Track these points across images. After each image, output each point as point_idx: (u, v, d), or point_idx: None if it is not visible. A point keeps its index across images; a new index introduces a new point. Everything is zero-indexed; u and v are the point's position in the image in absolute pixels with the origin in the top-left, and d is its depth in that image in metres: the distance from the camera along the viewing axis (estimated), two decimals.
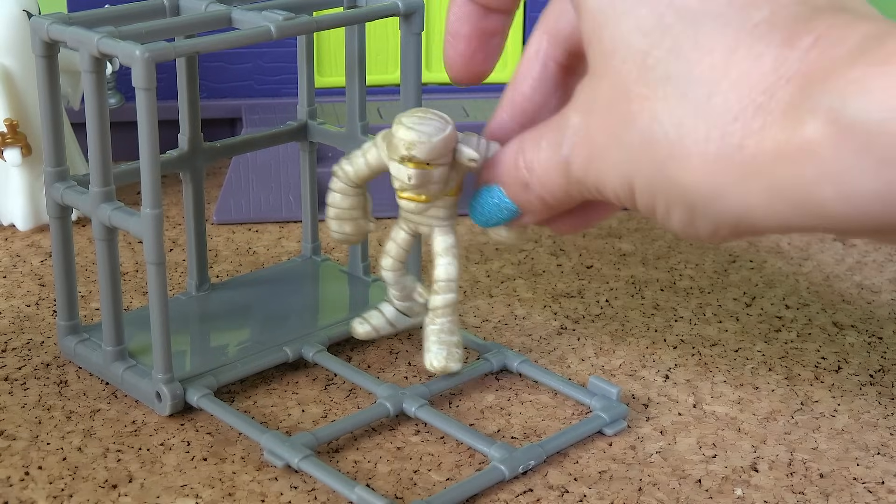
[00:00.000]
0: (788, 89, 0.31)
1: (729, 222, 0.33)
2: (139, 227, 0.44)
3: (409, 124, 0.41)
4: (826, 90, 0.30)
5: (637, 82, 0.33)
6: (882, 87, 0.29)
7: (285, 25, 0.45)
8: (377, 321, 0.48)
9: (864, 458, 0.44)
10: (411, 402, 0.45)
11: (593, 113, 0.35)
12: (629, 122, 0.34)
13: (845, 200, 0.30)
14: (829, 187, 0.30)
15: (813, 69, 0.30)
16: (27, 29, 0.60)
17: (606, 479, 0.43)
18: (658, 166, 0.33)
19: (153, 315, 0.45)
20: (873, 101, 0.29)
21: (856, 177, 0.29)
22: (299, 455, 0.42)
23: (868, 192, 0.29)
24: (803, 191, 0.30)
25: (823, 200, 0.30)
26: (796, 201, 0.31)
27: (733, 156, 0.31)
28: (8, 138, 0.61)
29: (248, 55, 0.70)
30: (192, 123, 0.51)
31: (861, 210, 0.30)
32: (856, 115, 0.29)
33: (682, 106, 0.32)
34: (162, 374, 0.45)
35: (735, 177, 0.32)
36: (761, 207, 0.32)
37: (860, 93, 0.29)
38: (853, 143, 0.29)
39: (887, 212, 0.30)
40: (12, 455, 0.43)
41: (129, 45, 0.42)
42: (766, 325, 0.54)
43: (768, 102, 0.31)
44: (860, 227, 0.31)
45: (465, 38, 0.42)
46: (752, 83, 0.31)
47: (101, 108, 0.44)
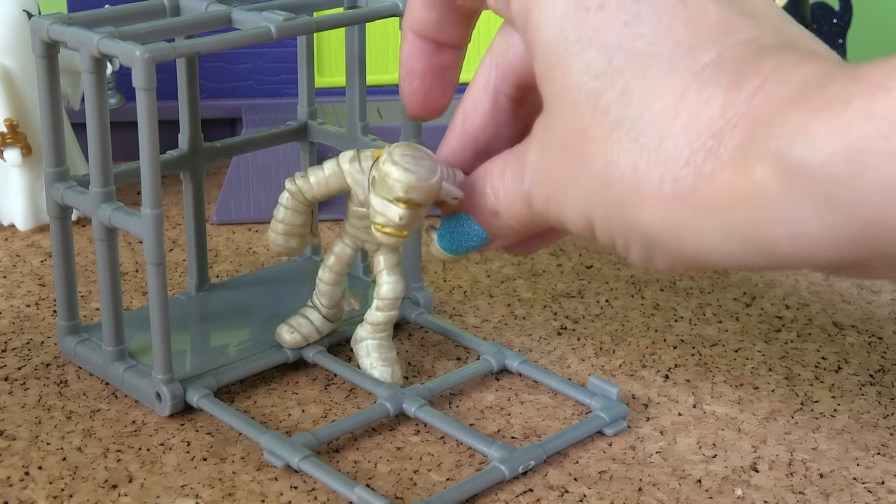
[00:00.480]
0: (736, 133, 0.31)
1: (685, 259, 0.34)
2: (139, 227, 0.44)
3: (406, 165, 0.41)
4: (771, 135, 0.30)
5: (591, 125, 0.34)
6: (823, 131, 0.29)
7: (285, 26, 0.45)
8: (306, 330, 0.49)
9: (864, 458, 0.44)
10: (411, 402, 0.45)
11: (549, 152, 0.36)
12: (585, 163, 0.34)
13: (795, 241, 0.30)
14: (779, 228, 0.30)
15: (759, 113, 0.31)
16: (27, 29, 0.60)
17: (606, 479, 0.43)
18: (615, 206, 0.34)
19: (153, 315, 0.45)
20: (815, 145, 0.29)
21: (803, 218, 0.30)
22: (299, 455, 0.42)
23: (815, 233, 0.30)
24: (755, 232, 0.31)
25: (774, 241, 0.31)
26: (749, 241, 0.31)
27: (687, 198, 0.32)
28: (8, 138, 0.61)
29: (248, 55, 0.70)
30: (192, 123, 0.51)
31: (810, 250, 0.30)
32: (800, 159, 0.29)
33: (635, 150, 0.33)
34: (162, 374, 0.45)
35: (690, 218, 0.32)
36: (716, 246, 0.32)
37: (802, 137, 0.29)
38: (799, 185, 0.30)
39: (835, 252, 0.30)
40: (12, 455, 0.43)
41: (130, 45, 0.42)
42: (766, 325, 0.54)
43: (717, 147, 0.31)
44: (812, 265, 0.31)
45: (419, 74, 0.42)
46: (701, 127, 0.32)
47: (101, 108, 0.44)
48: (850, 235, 0.30)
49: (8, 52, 0.61)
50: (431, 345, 0.52)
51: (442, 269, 0.59)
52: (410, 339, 0.52)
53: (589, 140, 0.34)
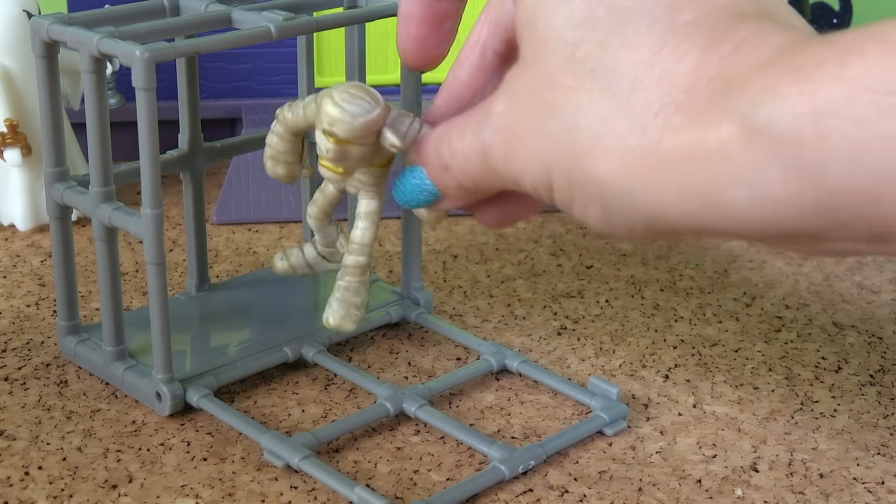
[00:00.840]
0: (707, 91, 0.31)
1: (643, 219, 0.33)
2: (139, 227, 0.44)
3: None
4: (741, 94, 0.30)
5: (564, 73, 0.34)
6: (792, 93, 0.29)
7: (285, 25, 0.45)
8: (296, 259, 0.48)
9: (864, 458, 0.44)
10: (411, 402, 0.45)
11: (518, 101, 0.36)
12: (552, 111, 0.34)
13: (754, 204, 0.30)
14: (740, 190, 0.30)
15: (731, 73, 0.31)
16: (27, 29, 0.60)
17: (606, 479, 0.43)
18: (577, 158, 0.34)
19: (153, 315, 0.45)
20: (783, 106, 0.29)
21: (764, 181, 0.30)
22: (299, 455, 0.42)
23: (777, 198, 0.30)
24: (715, 191, 0.31)
25: (734, 202, 0.31)
26: (707, 201, 0.31)
27: (651, 151, 0.32)
28: (8, 138, 0.61)
29: (248, 55, 0.70)
30: (192, 124, 0.51)
31: (768, 214, 0.30)
32: (766, 119, 0.29)
33: (605, 99, 0.33)
34: (162, 374, 0.45)
35: (651, 172, 0.32)
36: (674, 205, 0.32)
37: (770, 97, 0.29)
38: (763, 147, 0.29)
39: (796, 218, 0.30)
40: (12, 455, 0.43)
41: (129, 45, 0.42)
42: (766, 325, 0.54)
43: (688, 101, 0.31)
44: (770, 232, 0.31)
45: (416, 20, 0.41)
46: (674, 82, 0.32)
47: (101, 108, 0.44)
48: (812, 202, 0.29)
49: (8, 53, 0.61)
50: (431, 345, 0.52)
51: (442, 269, 0.59)
52: (410, 339, 0.52)
53: (560, 89, 0.34)
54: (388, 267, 0.59)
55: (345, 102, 0.41)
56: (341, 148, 0.42)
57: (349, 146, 0.41)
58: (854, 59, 0.28)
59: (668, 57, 0.32)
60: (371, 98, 0.41)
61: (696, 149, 0.31)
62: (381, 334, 0.52)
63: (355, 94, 0.41)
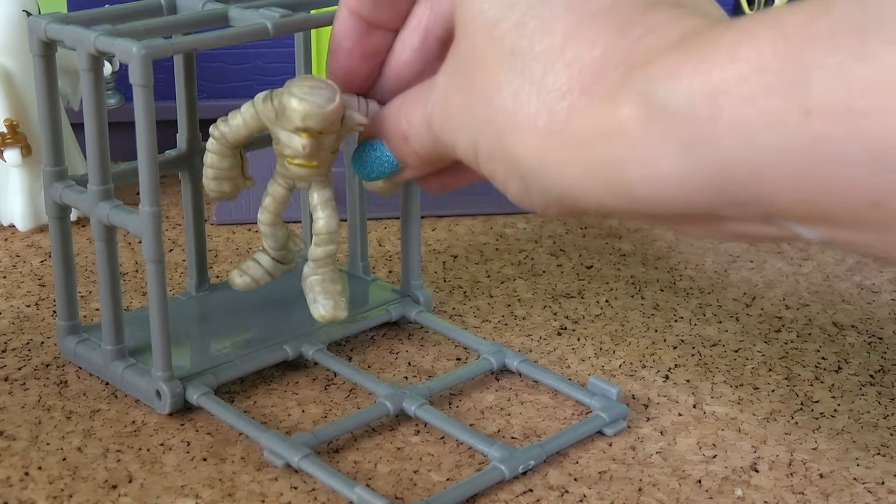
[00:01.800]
0: (614, 74, 0.32)
1: (554, 197, 0.34)
2: (138, 224, 0.44)
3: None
4: (643, 76, 0.31)
5: (485, 51, 0.35)
6: (688, 72, 0.30)
7: (282, 23, 0.45)
8: (256, 272, 0.49)
9: (864, 458, 0.44)
10: (411, 401, 0.45)
11: (453, 75, 0.37)
12: (476, 89, 0.35)
13: (649, 182, 0.31)
14: (636, 168, 0.31)
15: (638, 57, 0.32)
16: (27, 29, 0.60)
17: (606, 479, 0.43)
18: (497, 135, 0.35)
19: (153, 312, 0.45)
20: (679, 85, 0.30)
21: (659, 159, 0.30)
22: (299, 455, 0.42)
23: (669, 176, 0.30)
24: (613, 170, 0.32)
25: (630, 181, 0.31)
26: (607, 181, 0.32)
27: (558, 132, 0.33)
28: (8, 138, 0.60)
29: (247, 55, 0.70)
30: (191, 124, 0.51)
31: (663, 193, 0.31)
32: (663, 98, 0.30)
33: (519, 80, 0.34)
34: (162, 371, 0.45)
35: (558, 152, 0.33)
36: (579, 185, 0.33)
37: (668, 77, 0.30)
38: (660, 126, 0.30)
39: (689, 197, 0.31)
40: (12, 455, 0.43)
41: (126, 42, 0.41)
42: (766, 325, 0.54)
43: (594, 85, 0.32)
44: (664, 212, 0.32)
45: (346, 52, 0.43)
46: (583, 66, 0.33)
47: (99, 106, 0.44)
48: (703, 180, 0.30)
49: (8, 53, 0.61)
50: (431, 345, 0.52)
51: (442, 269, 0.59)
52: (410, 339, 0.52)
53: (482, 67, 0.35)
54: (388, 267, 0.59)
55: (309, 96, 0.42)
56: (317, 140, 0.42)
57: (323, 136, 0.42)
58: (747, 40, 0.29)
59: (579, 41, 0.33)
60: (328, 85, 0.42)
61: (599, 129, 0.32)
62: (381, 334, 0.52)
63: (314, 86, 0.42)
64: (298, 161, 0.43)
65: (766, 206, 0.30)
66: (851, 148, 0.27)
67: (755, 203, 0.30)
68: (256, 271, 0.49)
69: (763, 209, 0.30)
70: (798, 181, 0.28)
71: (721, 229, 0.32)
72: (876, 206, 0.27)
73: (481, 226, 0.64)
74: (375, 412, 0.45)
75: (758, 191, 0.29)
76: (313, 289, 0.47)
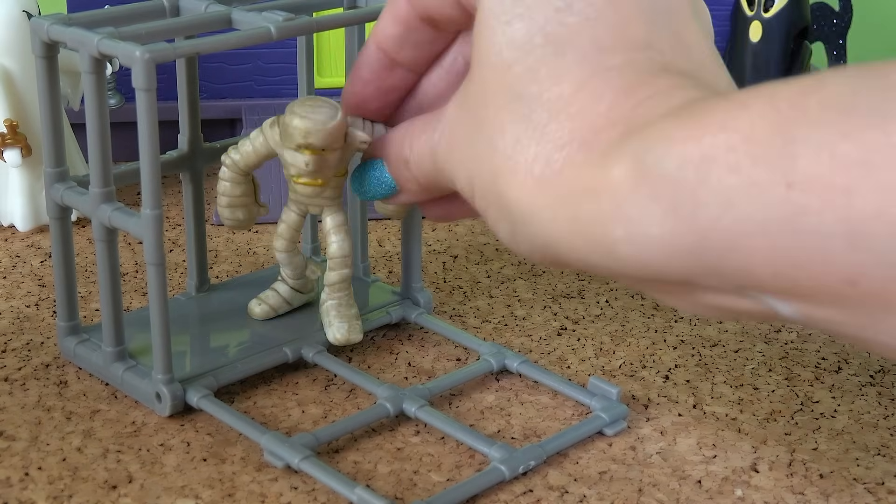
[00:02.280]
0: (613, 133, 0.32)
1: (539, 246, 0.34)
2: (139, 227, 0.44)
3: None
4: (638, 137, 0.31)
5: (496, 92, 0.35)
6: (681, 138, 0.30)
7: (285, 26, 0.45)
8: (274, 301, 0.51)
9: (864, 458, 0.44)
10: (411, 402, 0.45)
11: (461, 109, 0.37)
12: (481, 126, 0.35)
13: (632, 243, 0.31)
14: (620, 228, 0.31)
15: (638, 119, 0.32)
16: (27, 30, 0.60)
17: (606, 479, 0.43)
18: (492, 176, 0.35)
19: (153, 316, 0.45)
20: (671, 149, 0.30)
21: (644, 221, 0.30)
22: (299, 455, 0.42)
23: (652, 238, 0.30)
24: (598, 227, 0.32)
25: (614, 240, 0.31)
26: (592, 237, 0.32)
27: (551, 182, 0.33)
28: (8, 139, 0.61)
29: (247, 56, 0.70)
30: (192, 124, 0.51)
31: (644, 255, 0.31)
32: (654, 160, 0.30)
33: (523, 125, 0.34)
34: (162, 374, 0.45)
35: (548, 202, 0.33)
36: (564, 238, 0.33)
37: (662, 140, 0.30)
38: (648, 187, 0.30)
39: (669, 262, 0.31)
40: (12, 456, 0.43)
41: (130, 45, 0.41)
42: (766, 325, 0.54)
43: (593, 140, 0.32)
44: (645, 275, 0.32)
45: (362, 81, 0.43)
46: (586, 120, 0.33)
47: (101, 108, 0.44)
48: (684, 246, 0.30)
49: (8, 53, 0.61)
50: (431, 345, 0.52)
51: (442, 269, 0.59)
52: (410, 339, 0.52)
53: (490, 106, 0.35)
54: (388, 267, 0.59)
55: (311, 113, 0.43)
56: (320, 157, 0.43)
57: (326, 154, 0.43)
58: (740, 111, 0.29)
59: (587, 96, 0.33)
60: (329, 104, 0.43)
61: (589, 185, 0.32)
62: (381, 335, 0.52)
63: (315, 105, 0.43)
64: (304, 180, 0.44)
65: (744, 278, 0.29)
66: (829, 223, 0.27)
67: (732, 273, 0.30)
68: (275, 300, 0.51)
69: (740, 280, 0.30)
70: (776, 253, 0.28)
71: (700, 300, 0.32)
72: (851, 283, 0.27)
73: (481, 226, 0.64)
74: (375, 413, 0.45)
75: (736, 261, 0.29)
76: (329, 313, 0.48)
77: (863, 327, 0.28)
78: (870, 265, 0.27)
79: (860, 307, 0.28)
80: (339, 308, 0.48)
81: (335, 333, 0.48)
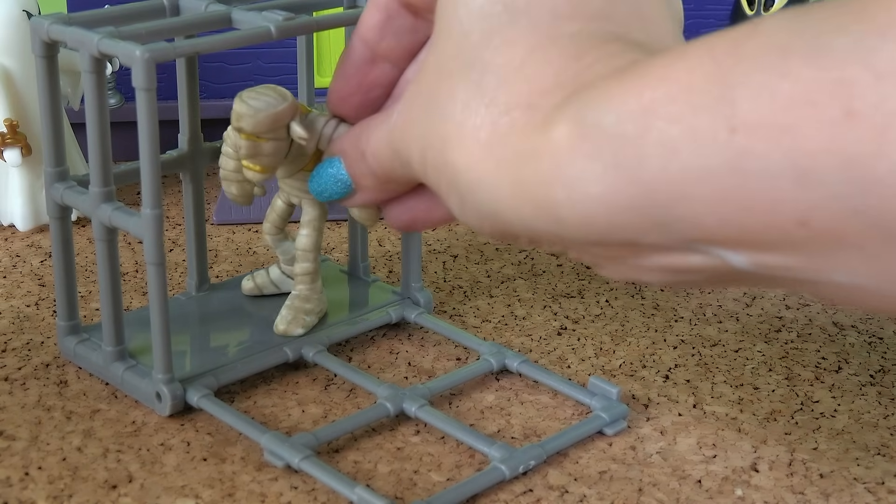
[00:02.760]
0: (558, 95, 0.32)
1: (487, 215, 0.34)
2: (139, 227, 0.44)
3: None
4: (579, 97, 0.31)
5: (451, 60, 0.35)
6: (621, 93, 0.30)
7: (285, 25, 0.45)
8: (261, 280, 0.53)
9: (864, 458, 0.44)
10: (411, 402, 0.45)
11: (419, 84, 0.37)
12: (434, 96, 0.35)
13: (574, 203, 0.31)
14: (562, 189, 0.31)
15: (583, 81, 0.32)
16: (27, 29, 0.60)
17: (606, 479, 0.43)
18: (441, 144, 0.34)
19: (153, 315, 0.45)
20: (610, 105, 0.30)
21: (585, 179, 0.30)
22: (300, 455, 0.42)
23: (595, 196, 0.30)
24: (541, 190, 0.31)
25: (557, 201, 0.31)
26: (535, 201, 0.32)
27: (496, 146, 0.33)
28: (8, 138, 0.61)
29: (247, 55, 0.70)
30: (192, 124, 0.51)
31: (587, 215, 0.31)
32: (594, 118, 0.30)
33: (473, 91, 0.34)
34: (162, 374, 0.45)
35: (492, 168, 0.33)
36: (509, 204, 0.33)
37: (602, 98, 0.30)
38: (588, 145, 0.30)
39: (613, 219, 0.30)
40: (12, 455, 0.43)
41: (130, 45, 0.41)
42: (766, 325, 0.54)
43: (539, 103, 0.32)
44: (589, 237, 0.31)
45: (345, 77, 0.43)
46: (534, 85, 0.33)
47: (101, 108, 0.44)
48: (628, 201, 0.29)
49: (8, 53, 0.61)
50: (431, 345, 0.52)
51: (442, 269, 0.59)
52: (410, 339, 0.52)
53: (445, 75, 0.35)
54: (388, 267, 0.59)
55: (251, 99, 0.43)
56: (252, 143, 0.44)
57: (259, 141, 0.44)
58: (678, 62, 0.29)
59: (537, 61, 0.33)
60: (278, 94, 0.44)
61: (532, 148, 0.31)
62: (381, 334, 0.52)
63: (262, 92, 0.44)
64: (245, 162, 0.45)
65: (691, 230, 0.29)
66: (776, 163, 0.27)
67: (680, 226, 0.29)
68: (262, 279, 0.53)
69: (688, 233, 0.29)
70: (724, 199, 0.28)
71: (647, 262, 0.32)
72: (802, 223, 0.27)
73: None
74: (375, 413, 0.45)
75: (682, 212, 0.29)
76: (285, 303, 0.50)
77: (816, 270, 0.28)
78: (819, 202, 0.26)
79: (812, 248, 0.27)
80: (295, 300, 0.50)
81: (277, 323, 0.50)
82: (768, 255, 0.29)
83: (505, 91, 0.33)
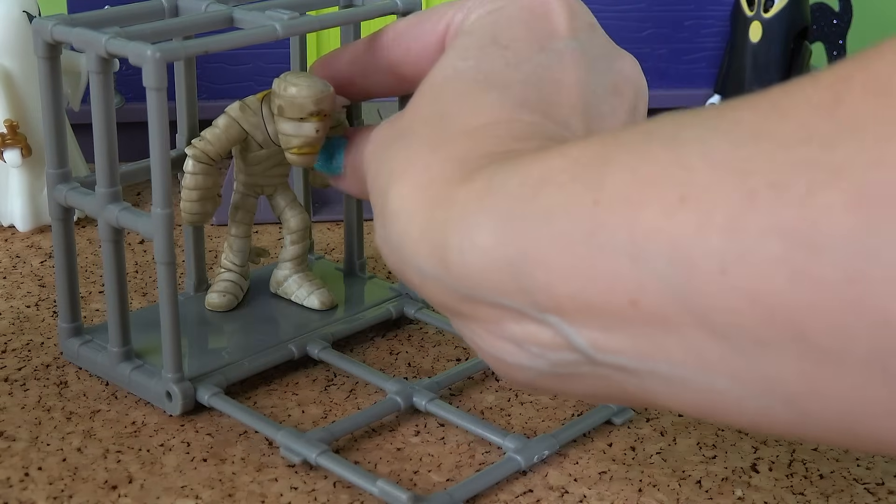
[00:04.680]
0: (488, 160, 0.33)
1: (394, 247, 0.35)
2: (149, 227, 0.44)
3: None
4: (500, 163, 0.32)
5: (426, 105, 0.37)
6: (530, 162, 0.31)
7: (290, 24, 0.45)
8: (234, 289, 0.52)
9: (864, 458, 0.44)
10: (421, 396, 0.46)
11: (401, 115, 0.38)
12: (402, 132, 0.37)
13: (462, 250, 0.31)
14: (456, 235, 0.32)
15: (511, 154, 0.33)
16: (27, 30, 0.60)
17: (606, 479, 0.43)
18: (389, 176, 0.36)
19: (163, 314, 0.45)
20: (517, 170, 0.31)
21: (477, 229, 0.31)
22: (317, 450, 0.42)
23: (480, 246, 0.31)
24: (440, 234, 0.32)
25: (448, 246, 0.32)
26: (433, 242, 0.33)
27: (424, 189, 0.34)
28: (8, 139, 0.61)
29: (247, 56, 0.70)
30: (191, 125, 0.51)
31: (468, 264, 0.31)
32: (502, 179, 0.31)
33: (433, 136, 0.35)
34: (172, 373, 0.45)
35: (414, 206, 0.34)
36: (411, 240, 0.33)
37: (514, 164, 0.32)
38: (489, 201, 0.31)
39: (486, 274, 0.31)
40: (12, 456, 0.43)
41: (140, 45, 0.42)
42: None
43: (471, 160, 0.34)
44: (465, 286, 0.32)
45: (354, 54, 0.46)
46: (477, 147, 0.34)
47: (107, 108, 0.44)
48: (504, 258, 0.30)
49: (8, 53, 0.61)
50: (431, 345, 0.52)
51: None
52: (410, 339, 0.52)
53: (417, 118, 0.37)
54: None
55: (309, 81, 0.45)
56: (326, 122, 0.45)
57: (327, 120, 0.45)
58: (581, 142, 0.31)
59: (490, 130, 0.35)
60: (308, 76, 0.45)
61: (450, 196, 0.33)
62: (381, 335, 0.52)
63: (305, 76, 0.45)
64: (306, 149, 0.45)
65: (547, 297, 0.30)
66: (619, 239, 0.27)
67: (538, 293, 0.30)
68: (234, 288, 0.52)
69: (543, 300, 0.30)
70: (575, 270, 0.29)
71: (505, 330, 0.32)
72: (633, 302, 0.28)
73: None
74: (386, 407, 0.45)
75: (543, 278, 0.29)
76: (301, 286, 0.51)
77: (644, 356, 0.29)
78: (647, 281, 0.27)
79: (641, 329, 0.28)
80: (308, 279, 0.51)
81: (321, 298, 0.51)
82: (603, 335, 0.29)
83: (453, 144, 0.34)
